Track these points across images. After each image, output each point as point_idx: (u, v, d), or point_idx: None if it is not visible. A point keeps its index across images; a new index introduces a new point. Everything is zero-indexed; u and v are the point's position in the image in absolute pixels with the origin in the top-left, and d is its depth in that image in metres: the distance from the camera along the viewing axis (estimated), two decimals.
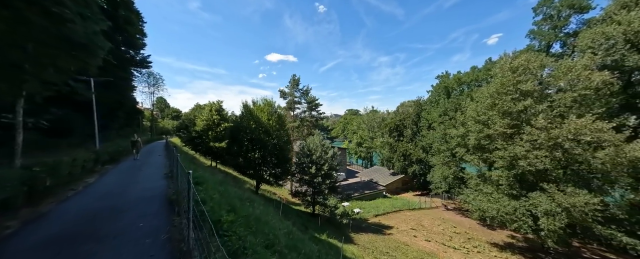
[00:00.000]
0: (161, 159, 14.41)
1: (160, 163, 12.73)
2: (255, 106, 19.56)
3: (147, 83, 38.51)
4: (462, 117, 21.63)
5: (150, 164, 12.34)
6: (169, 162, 11.68)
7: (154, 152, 18.77)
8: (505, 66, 16.94)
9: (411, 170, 36.95)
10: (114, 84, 17.63)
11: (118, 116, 24.34)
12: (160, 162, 13.13)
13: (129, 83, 20.94)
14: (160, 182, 8.66)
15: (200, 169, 11.73)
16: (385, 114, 77.22)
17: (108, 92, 17.82)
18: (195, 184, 6.51)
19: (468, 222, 25.36)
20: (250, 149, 19.06)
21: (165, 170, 10.53)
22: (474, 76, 29.23)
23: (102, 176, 9.68)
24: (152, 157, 15.23)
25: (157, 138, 39.83)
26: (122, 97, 21.59)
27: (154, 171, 10.66)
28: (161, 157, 15.23)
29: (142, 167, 11.37)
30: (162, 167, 11.30)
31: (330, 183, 19.76)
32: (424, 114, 36.46)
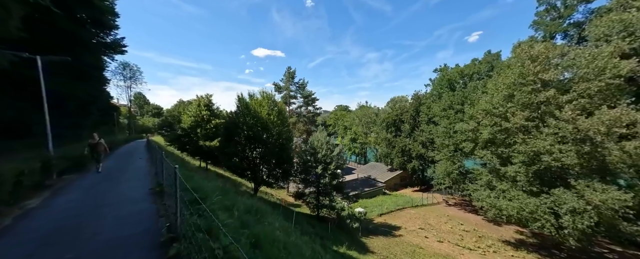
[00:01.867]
0: (143, 164, 11.66)
1: (142, 171, 9.78)
2: (253, 99, 17.29)
3: (123, 76, 34.40)
4: (471, 111, 20.65)
5: (129, 173, 9.57)
6: (155, 168, 9.23)
7: (134, 154, 16.02)
8: (523, 55, 15.90)
9: (410, 166, 36.22)
10: (81, 72, 14.60)
11: (91, 112, 21.00)
12: (142, 169, 10.30)
13: (100, 72, 17.75)
14: (144, 204, 5.80)
15: (193, 173, 9.51)
16: (378, 109, 76.65)
17: (77, 83, 14.79)
18: (194, 202, 4.48)
19: (473, 218, 24.87)
20: (248, 148, 16.86)
21: (151, 183, 7.69)
22: (476, 68, 28.58)
23: (55, 194, 6.63)
24: (132, 162, 12.42)
25: (136, 137, 36.07)
26: (94, 90, 18.37)
27: (134, 183, 7.79)
28: (143, 161, 12.47)
29: (119, 178, 8.55)
30: (145, 177, 8.54)
31: (337, 183, 18.09)
32: (423, 109, 35.60)
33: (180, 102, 56.15)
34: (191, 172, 10.47)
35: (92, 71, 15.51)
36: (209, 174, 16.73)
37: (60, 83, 11.95)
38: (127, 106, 37.80)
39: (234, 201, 7.41)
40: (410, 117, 39.13)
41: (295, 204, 26.72)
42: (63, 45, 12.18)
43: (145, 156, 14.04)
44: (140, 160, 12.70)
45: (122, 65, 33.92)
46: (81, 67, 13.94)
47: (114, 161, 12.51)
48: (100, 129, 28.17)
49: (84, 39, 13.04)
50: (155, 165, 9.45)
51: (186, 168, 12.77)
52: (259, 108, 16.62)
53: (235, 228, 4.56)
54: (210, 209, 5.11)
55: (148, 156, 14.14)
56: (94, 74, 16.20)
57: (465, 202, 30.46)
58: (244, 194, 13.70)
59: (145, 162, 12.01)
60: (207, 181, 9.50)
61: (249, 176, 17.00)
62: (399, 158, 37.60)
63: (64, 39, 12.18)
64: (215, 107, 24.19)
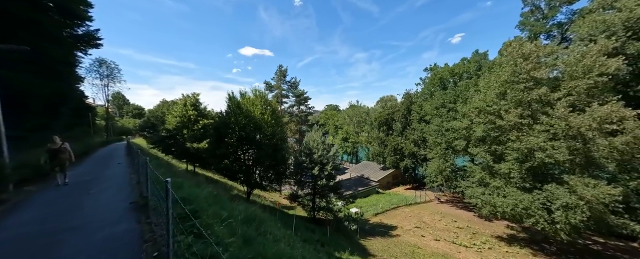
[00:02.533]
0: (122, 170, 10.27)
1: (121, 179, 8.40)
2: (245, 98, 16.34)
3: (99, 73, 31.74)
4: (464, 109, 20.90)
5: (106, 182, 8.09)
6: (137, 176, 8.03)
7: (112, 158, 14.57)
8: (515, 53, 16.16)
9: (403, 164, 36.51)
10: (47, 68, 12.98)
11: (61, 112, 19.00)
12: (121, 177, 8.89)
13: (71, 68, 15.99)
14: (123, 225, 4.58)
15: (181, 179, 8.54)
16: (368, 108, 77.25)
17: (42, 80, 13.14)
18: (186, 218, 3.72)
19: (465, 214, 25.33)
20: (240, 149, 15.92)
21: (132, 194, 6.47)
22: (465, 67, 29.18)
23: (6, 213, 5.27)
24: (109, 168, 10.96)
25: (115, 139, 33.58)
26: (64, 88, 16.56)
27: (112, 196, 6.47)
28: (122, 167, 11.13)
29: (93, 189, 7.08)
30: (125, 188, 7.23)
31: (334, 184, 17.58)
32: (415, 108, 35.99)
33: (164, 102, 53.26)
34: (179, 178, 9.48)
35: (60, 66, 13.87)
36: (198, 178, 15.60)
37: (20, 79, 10.46)
38: (105, 106, 35.03)
39: (231, 210, 6.63)
40: (401, 116, 39.47)
41: (289, 206, 25.97)
42: (23, 37, 10.67)
43: (125, 161, 12.72)
44: (119, 166, 11.35)
45: (97, 62, 31.24)
46: (47, 62, 12.37)
47: (87, 167, 11.08)
48: (74, 131, 25.89)
49: (49, 29, 11.51)
50: (137, 172, 8.34)
51: (173, 173, 11.68)
52: (251, 107, 15.72)
53: (238, 247, 3.86)
54: (206, 224, 4.37)
55: (128, 160, 12.84)
56: (64, 70, 14.53)
57: (456, 199, 31.09)
58: (236, 199, 12.81)
59: (125, 168, 10.69)
60: (198, 188, 8.61)
61: (242, 180, 16.06)
62: (392, 157, 37.81)
63: (23, 29, 10.67)
64: (202, 107, 22.85)
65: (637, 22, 14.71)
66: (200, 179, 14.27)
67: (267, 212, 12.22)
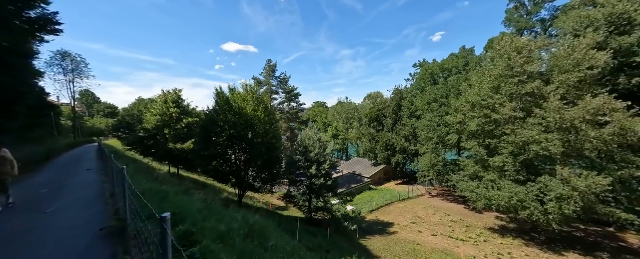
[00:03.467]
0: (93, 178, 8.58)
1: (91, 190, 6.77)
2: (235, 94, 14.99)
3: (62, 68, 28.12)
4: (457, 103, 21.04)
5: (70, 195, 6.33)
6: (111, 185, 6.47)
7: (81, 163, 12.68)
8: (507, 47, 16.29)
9: (394, 160, 36.74)
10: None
11: (16, 112, 16.37)
12: (91, 186, 7.23)
13: (24, 60, 13.63)
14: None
15: (165, 187, 7.28)
16: (355, 105, 77.42)
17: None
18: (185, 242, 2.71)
19: (456, 208, 25.86)
20: (231, 149, 14.64)
21: (105, 213, 4.91)
22: (454, 63, 29.63)
23: None
24: (76, 176, 9.08)
25: (85, 141, 30.32)
26: (17, 84, 14.15)
27: (76, 215, 4.92)
28: (93, 174, 9.44)
29: (52, 206, 5.49)
30: (95, 203, 5.65)
31: (332, 183, 16.86)
32: (405, 104, 36.20)
33: (140, 100, 49.21)
34: (162, 185, 8.18)
35: (10, 57, 11.69)
36: (184, 182, 14.15)
37: None
38: (71, 104, 31.33)
39: (229, 222, 5.62)
40: (392, 112, 39.59)
41: (282, 207, 24.97)
42: None
43: (97, 167, 10.98)
44: (88, 173, 9.64)
45: (60, 54, 27.56)
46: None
47: (47, 176, 9.16)
48: (34, 132, 22.81)
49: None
50: (111, 180, 6.87)
51: (155, 178, 10.25)
52: (243, 104, 14.44)
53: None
54: (205, 248, 3.38)
55: (100, 166, 11.11)
56: (15, 62, 12.31)
57: (446, 192, 31.81)
58: (229, 204, 11.64)
59: (96, 175, 9.04)
60: (187, 196, 7.42)
61: (233, 182, 14.81)
62: (383, 153, 37.91)
63: None
64: (186, 104, 21.00)
65: (619, 18, 15.30)
66: (186, 184, 12.87)
67: (262, 216, 11.23)
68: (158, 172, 14.97)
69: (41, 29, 12.72)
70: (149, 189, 5.69)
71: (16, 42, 11.94)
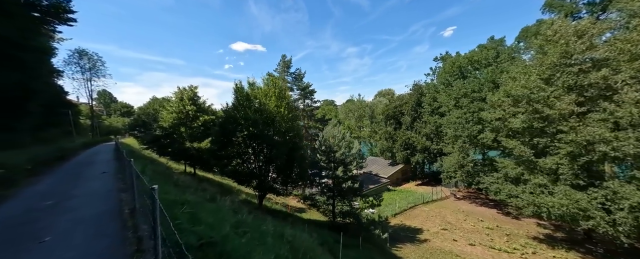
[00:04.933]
0: (108, 184, 7.18)
1: (105, 203, 5.36)
2: (255, 89, 13.79)
3: (80, 66, 28.15)
4: (494, 98, 18.93)
5: (78, 210, 4.99)
6: (130, 196, 5.04)
7: (95, 165, 11.89)
8: (563, 32, 14.12)
9: (414, 159, 34.76)
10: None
11: (28, 110, 15.96)
12: (105, 197, 5.82)
13: (36, 55, 13.00)
14: None
15: (188, 196, 6.11)
16: (366, 102, 75.28)
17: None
18: None
19: (488, 212, 23.79)
20: (251, 149, 13.49)
21: (124, 242, 3.47)
22: (483, 54, 27.22)
23: None
24: (89, 180, 7.90)
25: (102, 140, 30.39)
26: (29, 81, 13.59)
27: (81, 249, 3.45)
28: (109, 177, 8.23)
29: (47, 230, 4.09)
30: (109, 226, 4.17)
31: (359, 186, 15.43)
32: (426, 99, 34.02)
33: (154, 99, 49.54)
34: (184, 191, 7.04)
35: (19, 51, 10.97)
36: (202, 184, 13.16)
37: None
38: (89, 103, 31.54)
39: (274, 248, 4.31)
40: (411, 109, 37.50)
41: (300, 208, 23.82)
42: None
43: (113, 169, 10.03)
44: (103, 176, 8.53)
45: (77, 53, 27.60)
46: None
47: (55, 181, 7.97)
48: (50, 132, 22.71)
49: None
50: (130, 188, 5.18)
51: (175, 182, 9.16)
52: (264, 99, 13.21)
53: None
54: None
55: (117, 167, 10.15)
56: (26, 57, 11.61)
57: (473, 194, 29.62)
58: (250, 207, 10.49)
59: (112, 181, 7.72)
60: (213, 204, 6.22)
61: (254, 185, 13.67)
62: (402, 152, 35.98)
63: None
64: (201, 102, 20.14)
65: None
66: (206, 187, 11.82)
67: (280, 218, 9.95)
68: (176, 173, 14.07)
69: (53, 16, 11.92)
70: (174, 201, 4.48)
71: (24, 34, 11.18)
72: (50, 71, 19.78)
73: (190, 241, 2.95)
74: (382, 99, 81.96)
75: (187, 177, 10.85)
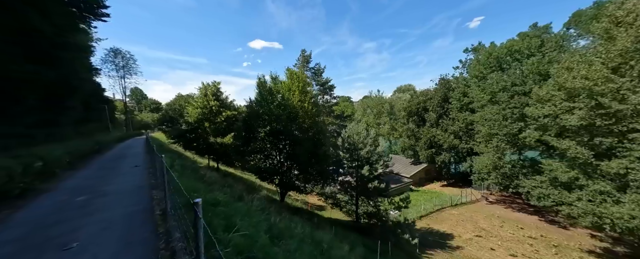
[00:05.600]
0: (139, 179, 7.10)
1: (137, 200, 5.14)
2: (278, 83, 13.36)
3: (115, 64, 30.16)
4: (542, 91, 16.68)
5: (108, 209, 4.82)
6: (161, 192, 4.66)
7: (128, 158, 12.29)
8: None
9: (440, 159, 32.62)
10: (39, 50, 10.63)
11: (69, 106, 17.10)
12: (136, 193, 5.63)
13: (75, 53, 13.70)
14: None
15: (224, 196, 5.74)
16: (389, 98, 72.59)
17: (35, 65, 10.89)
18: None
19: (527, 219, 21.49)
20: (274, 146, 13.14)
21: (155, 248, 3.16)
22: (525, 43, 24.28)
23: None
24: (121, 174, 7.93)
25: (134, 134, 32.39)
26: (69, 78, 14.41)
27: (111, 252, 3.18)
28: (140, 171, 8.26)
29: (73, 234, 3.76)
30: (141, 231, 3.79)
31: (386, 186, 14.50)
32: (455, 95, 31.56)
33: (179, 96, 52.06)
34: (212, 188, 6.74)
35: (59, 50, 11.48)
36: (226, 180, 13.13)
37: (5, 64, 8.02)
38: (123, 99, 33.86)
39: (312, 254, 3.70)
40: (436, 105, 35.16)
41: (319, 206, 23.40)
42: None
43: (144, 162, 10.18)
44: (135, 170, 8.57)
45: (112, 52, 29.61)
46: (37, 43, 9.93)
47: (89, 174, 8.09)
48: (89, 127, 24.45)
49: None
50: (161, 185, 4.91)
51: (202, 178, 9.01)
52: (287, 93, 12.71)
53: None
54: None
55: (148, 161, 10.27)
56: (64, 55, 12.18)
57: (508, 198, 27.09)
58: (273, 205, 10.11)
59: (143, 175, 7.65)
60: (243, 204, 5.81)
61: (277, 182, 13.36)
62: (426, 151, 33.98)
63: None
64: (224, 97, 20.30)
65: None
66: (230, 183, 11.69)
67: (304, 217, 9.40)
68: (201, 168, 14.22)
69: (87, 12, 12.37)
70: (206, 202, 4.04)
71: (61, 32, 11.63)
72: (89, 68, 21.07)
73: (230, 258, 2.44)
74: (402, 95, 78.63)
75: (213, 173, 10.81)
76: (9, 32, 9.32)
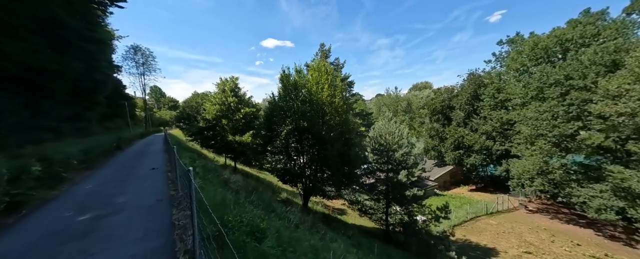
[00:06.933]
0: (157, 184, 6.17)
1: (154, 222, 3.93)
2: (301, 77, 12.00)
3: (135, 61, 30.42)
4: (613, 85, 14.05)
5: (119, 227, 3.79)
6: (183, 206, 3.88)
7: (146, 157, 11.49)
8: None
9: (469, 161, 29.97)
10: (63, 40, 10.00)
11: (96, 101, 16.87)
12: (155, 213, 4.33)
13: (97, 46, 13.13)
14: None
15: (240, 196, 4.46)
16: (406, 96, 69.59)
17: (62, 56, 10.30)
18: None
19: (580, 232, 18.77)
20: (299, 145, 11.82)
21: None
22: (577, 32, 21.19)
23: None
24: (138, 178, 6.92)
25: (154, 131, 32.63)
26: (93, 72, 13.97)
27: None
28: (158, 174, 7.23)
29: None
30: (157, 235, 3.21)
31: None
32: (487, 91, 28.72)
33: (195, 94, 52.59)
34: (239, 195, 5.47)
35: (81, 41, 10.84)
36: (247, 180, 12.02)
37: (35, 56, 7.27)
38: (142, 97, 34.33)
39: None
40: (465, 103, 32.39)
41: (340, 209, 21.99)
42: None
43: (163, 162, 9.15)
44: (152, 175, 7.25)
45: (132, 48, 29.86)
46: (64, 33, 9.24)
47: (105, 176, 7.25)
48: (114, 122, 24.55)
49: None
50: (182, 197, 4.07)
51: (226, 183, 7.82)
52: (315, 87, 11.30)
53: None
54: None
55: (167, 161, 9.25)
56: (87, 47, 11.58)
57: (551, 207, 24.16)
58: (293, 207, 8.79)
59: (161, 182, 6.35)
60: (285, 225, 4.45)
61: (303, 186, 12.04)
62: (453, 152, 31.45)
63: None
64: (242, 93, 19.34)
65: None
66: (253, 185, 10.50)
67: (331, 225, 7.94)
68: (221, 168, 13.23)
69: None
70: (245, 232, 2.69)
71: (80, 22, 10.99)
72: (111, 64, 20.92)
73: None
74: (418, 92, 74.92)
75: (236, 176, 9.67)
76: (33, 21, 8.69)
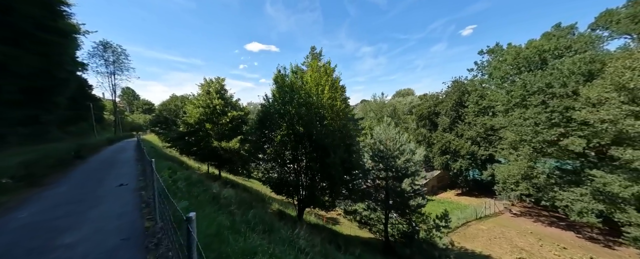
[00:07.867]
0: (121, 216, 4.40)
1: None
2: (297, 78, 11.08)
3: (104, 59, 27.13)
4: (593, 92, 14.87)
5: None
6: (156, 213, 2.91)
7: (115, 167, 9.68)
8: None
9: (456, 166, 30.69)
10: (21, 31, 8.14)
11: (56, 102, 14.37)
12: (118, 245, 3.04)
13: (60, 38, 11.07)
14: None
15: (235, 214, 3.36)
16: (393, 102, 71.18)
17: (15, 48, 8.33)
18: None
19: (562, 234, 19.55)
20: (297, 152, 10.76)
21: None
22: (552, 44, 22.79)
23: None
24: (102, 200, 5.34)
25: (124, 136, 29.33)
26: (54, 67, 11.81)
27: None
28: (127, 192, 5.78)
29: None
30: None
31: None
32: (471, 98, 29.88)
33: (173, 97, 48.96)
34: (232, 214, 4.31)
35: (37, 30, 9.01)
36: (238, 191, 10.62)
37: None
38: (112, 98, 30.79)
39: None
40: (450, 109, 33.47)
41: (332, 218, 20.95)
42: None
43: (135, 173, 7.58)
44: (119, 194, 5.70)
45: (102, 45, 26.58)
46: (11, 19, 7.48)
47: (57, 199, 5.48)
48: (78, 126, 21.45)
49: None
50: (157, 211, 3.08)
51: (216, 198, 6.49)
52: (315, 89, 10.40)
53: None
54: None
55: (139, 171, 7.70)
56: (45, 38, 9.69)
57: (532, 210, 25.20)
58: (287, 221, 7.71)
59: (131, 205, 4.96)
60: None
61: (299, 198, 10.91)
62: (440, 157, 32.09)
63: None
64: (229, 95, 17.86)
65: None
66: (241, 195, 9.18)
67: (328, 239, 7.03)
68: (205, 177, 11.64)
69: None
70: None
71: (45, 11, 9.18)
72: (75, 61, 18.36)
73: None
74: (401, 99, 77.03)
75: (229, 190, 8.28)
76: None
